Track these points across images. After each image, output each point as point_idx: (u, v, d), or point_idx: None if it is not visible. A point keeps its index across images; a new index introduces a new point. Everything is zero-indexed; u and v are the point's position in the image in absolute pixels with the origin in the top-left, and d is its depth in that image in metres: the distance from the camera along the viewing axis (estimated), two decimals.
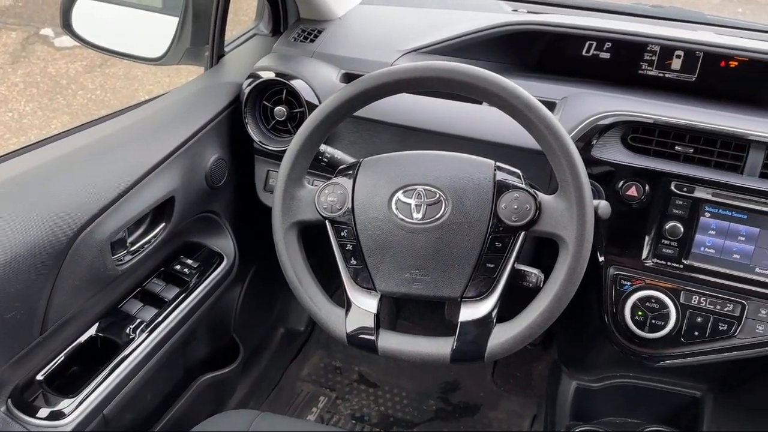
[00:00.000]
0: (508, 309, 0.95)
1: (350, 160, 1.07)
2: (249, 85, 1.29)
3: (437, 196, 0.93)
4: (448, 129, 1.19)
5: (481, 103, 1.17)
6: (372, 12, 1.52)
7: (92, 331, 1.13)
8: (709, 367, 1.13)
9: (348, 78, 1.31)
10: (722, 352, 1.09)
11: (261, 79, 1.28)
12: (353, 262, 0.97)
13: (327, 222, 0.98)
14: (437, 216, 0.93)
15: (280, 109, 1.28)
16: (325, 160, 1.09)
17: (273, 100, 1.31)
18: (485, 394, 1.95)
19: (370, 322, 0.96)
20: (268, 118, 1.32)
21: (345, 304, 0.98)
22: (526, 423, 1.87)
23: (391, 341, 0.95)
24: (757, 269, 1.06)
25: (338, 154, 1.10)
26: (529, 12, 1.51)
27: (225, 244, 1.38)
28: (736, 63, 1.29)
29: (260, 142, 1.31)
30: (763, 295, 1.06)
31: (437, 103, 1.22)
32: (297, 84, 1.26)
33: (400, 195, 0.95)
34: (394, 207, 0.95)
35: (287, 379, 1.94)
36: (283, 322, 1.93)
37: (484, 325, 0.92)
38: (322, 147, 1.07)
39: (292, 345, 1.99)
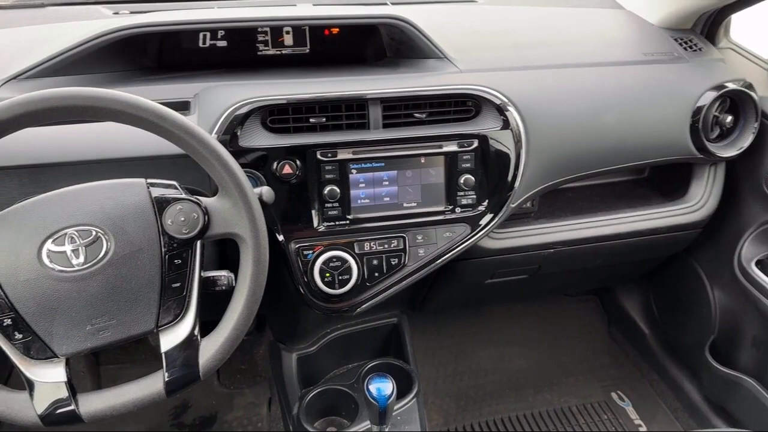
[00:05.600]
0: (211, 316, 0.94)
1: None
2: None
3: (94, 233, 0.85)
4: (84, 156, 1.08)
5: None
6: None
7: None
8: (397, 296, 1.28)
9: None
10: (401, 281, 1.25)
11: None
12: (18, 336, 0.83)
13: None
14: (101, 255, 0.85)
15: None
16: None
17: None
18: (217, 400, 1.92)
19: (63, 393, 0.85)
20: None
21: (25, 384, 0.84)
22: (264, 408, 1.90)
23: (95, 403, 0.86)
24: (404, 204, 1.23)
25: None
26: (132, 12, 1.44)
27: None
28: (338, 30, 1.44)
29: None
30: (414, 224, 1.24)
31: (63, 129, 1.09)
32: None
33: (49, 245, 0.84)
34: (47, 260, 0.84)
35: None
36: None
37: (189, 345, 0.89)
38: None
39: None
